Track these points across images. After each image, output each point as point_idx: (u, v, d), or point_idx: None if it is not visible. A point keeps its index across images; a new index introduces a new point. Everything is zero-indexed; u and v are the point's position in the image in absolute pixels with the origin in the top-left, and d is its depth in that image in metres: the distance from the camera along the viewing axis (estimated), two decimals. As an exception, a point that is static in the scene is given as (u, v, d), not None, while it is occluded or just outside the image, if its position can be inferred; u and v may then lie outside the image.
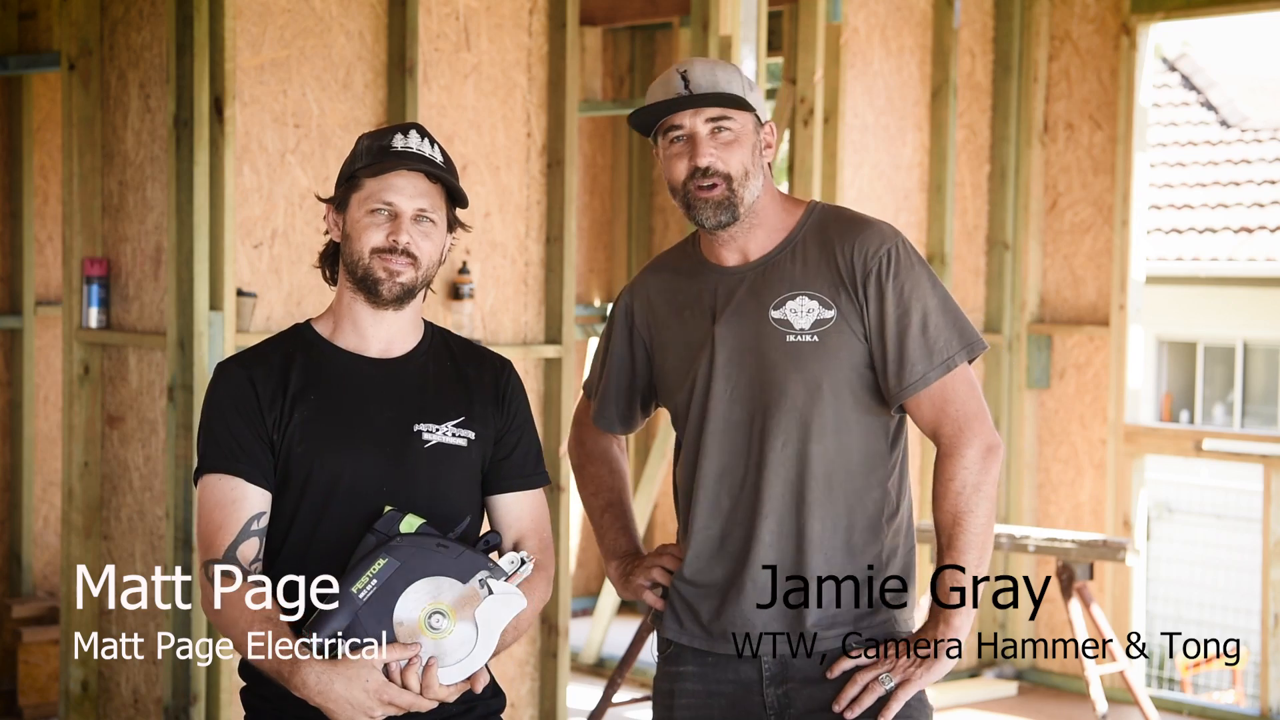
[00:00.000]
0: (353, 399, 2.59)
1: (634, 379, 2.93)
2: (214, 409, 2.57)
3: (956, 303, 2.75)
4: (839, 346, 2.70)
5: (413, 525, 2.47)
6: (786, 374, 2.70)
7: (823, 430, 2.70)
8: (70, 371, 4.98)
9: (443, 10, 5.17)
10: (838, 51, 6.04)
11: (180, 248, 4.63)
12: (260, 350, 2.65)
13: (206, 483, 2.55)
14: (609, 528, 2.98)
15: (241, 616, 2.44)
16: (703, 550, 2.77)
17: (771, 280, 2.74)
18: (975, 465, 2.67)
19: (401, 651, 2.40)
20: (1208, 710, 6.48)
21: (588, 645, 6.86)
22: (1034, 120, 6.74)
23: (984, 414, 2.71)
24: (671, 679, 2.84)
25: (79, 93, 4.92)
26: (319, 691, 2.37)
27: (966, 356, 2.71)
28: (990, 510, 2.68)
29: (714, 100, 2.69)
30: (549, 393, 5.43)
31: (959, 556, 2.65)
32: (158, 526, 4.82)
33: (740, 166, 2.71)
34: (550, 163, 5.39)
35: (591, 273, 7.87)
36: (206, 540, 2.52)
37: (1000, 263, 6.76)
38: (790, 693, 2.73)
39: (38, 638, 6.07)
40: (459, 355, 2.71)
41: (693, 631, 2.79)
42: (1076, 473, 6.70)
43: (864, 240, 2.72)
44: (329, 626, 2.40)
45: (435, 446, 2.60)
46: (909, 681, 2.66)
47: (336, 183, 2.66)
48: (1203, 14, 6.50)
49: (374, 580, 2.40)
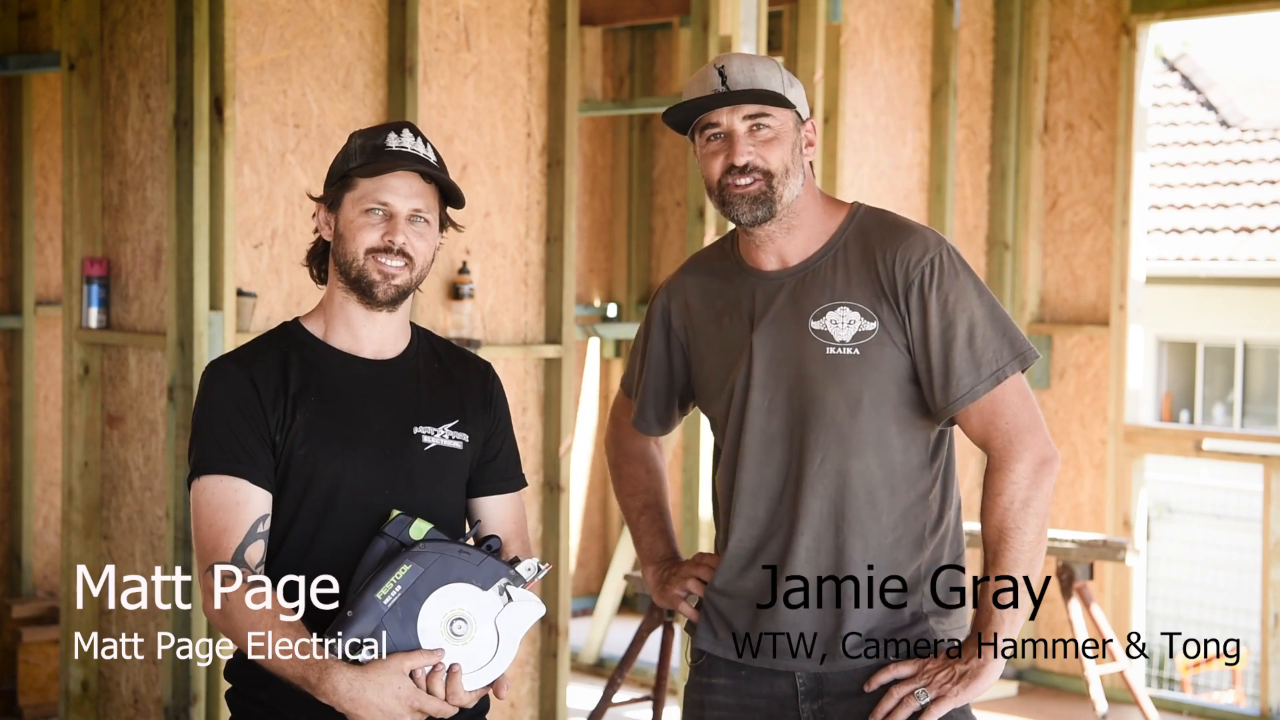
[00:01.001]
0: (353, 400, 2.56)
1: (672, 380, 2.88)
2: (213, 408, 2.52)
3: (1005, 311, 2.67)
4: (880, 360, 2.63)
5: (421, 530, 2.46)
6: (826, 387, 2.64)
7: (863, 446, 2.64)
8: (70, 371, 4.98)
9: (443, 10, 5.17)
10: (838, 51, 6.04)
11: (180, 248, 4.63)
12: (254, 349, 2.59)
13: (206, 484, 2.49)
14: (646, 531, 2.93)
15: (261, 620, 2.39)
16: (736, 562, 2.73)
17: (812, 289, 2.68)
18: (1025, 480, 2.60)
19: (427, 658, 2.39)
20: (1208, 710, 6.48)
21: (588, 645, 6.86)
22: (1034, 120, 6.74)
23: (1037, 425, 2.62)
24: (703, 690, 2.79)
25: (79, 93, 4.92)
26: (350, 698, 2.35)
27: (1018, 367, 2.63)
28: (1040, 526, 2.61)
29: (752, 97, 2.62)
30: (549, 393, 5.43)
31: (1004, 573, 2.59)
32: (158, 526, 4.81)
33: (781, 164, 2.65)
34: (550, 163, 5.39)
35: (591, 273, 7.87)
36: (211, 543, 2.46)
37: (1000, 263, 6.76)
38: (826, 707, 2.68)
39: (38, 638, 6.07)
40: (445, 357, 2.69)
41: (726, 643, 2.75)
42: (1076, 473, 6.70)
43: (906, 249, 2.64)
44: (354, 632, 2.38)
45: (435, 449, 2.59)
46: (945, 698, 2.61)
47: (327, 181, 2.62)
48: (1203, 14, 6.49)
49: (398, 586, 2.39)
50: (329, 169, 2.63)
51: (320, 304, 2.64)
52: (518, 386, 5.38)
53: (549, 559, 5.43)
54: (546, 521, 5.45)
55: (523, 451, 5.40)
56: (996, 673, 2.63)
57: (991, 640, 2.60)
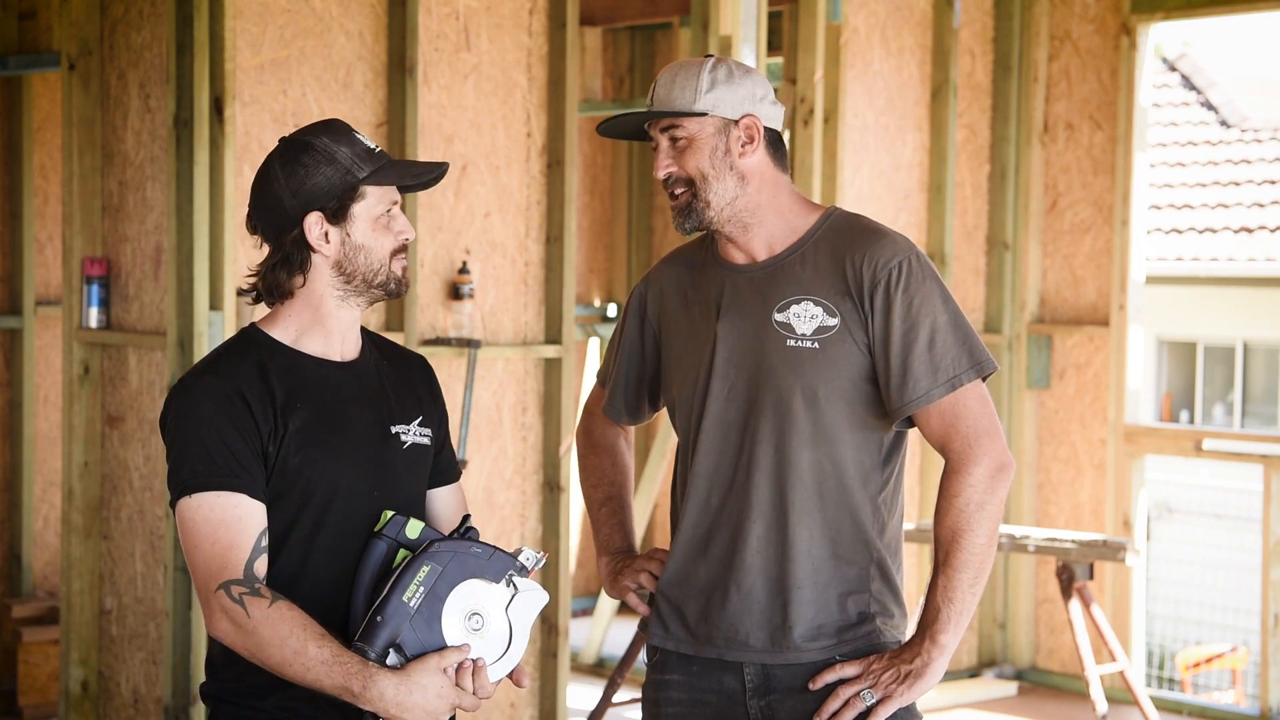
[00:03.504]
0: (335, 405, 2.54)
1: (644, 369, 2.92)
2: (202, 424, 2.45)
3: (969, 322, 2.70)
4: (839, 356, 2.66)
5: (416, 529, 2.49)
6: (784, 378, 2.67)
7: (815, 439, 2.67)
8: (70, 371, 4.98)
9: (443, 10, 5.17)
10: (838, 51, 6.04)
11: (180, 248, 4.63)
12: (226, 360, 2.52)
13: (201, 501, 2.44)
14: (605, 522, 2.97)
15: (291, 635, 2.36)
16: (689, 549, 2.76)
17: (779, 282, 2.71)
18: (982, 484, 2.63)
19: (458, 655, 2.41)
20: (1208, 710, 6.48)
21: (588, 645, 6.86)
22: (1034, 120, 6.74)
23: (996, 432, 2.65)
24: (657, 687, 2.82)
25: (79, 93, 4.92)
26: (396, 703, 2.35)
27: (975, 376, 2.65)
28: (992, 530, 2.64)
29: (660, 114, 2.71)
30: (549, 393, 5.43)
31: (953, 575, 2.62)
32: (158, 526, 4.81)
33: (696, 169, 2.70)
34: (550, 163, 5.39)
35: (591, 273, 7.87)
36: (218, 561, 2.41)
37: (1000, 263, 6.76)
38: (774, 704, 2.71)
39: (38, 638, 6.07)
40: (389, 354, 2.69)
41: (679, 636, 2.78)
42: (1076, 473, 6.70)
43: (875, 251, 2.67)
44: (384, 636, 2.39)
45: (411, 447, 2.60)
46: (890, 698, 2.64)
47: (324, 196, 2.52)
48: (1203, 14, 6.49)
49: (422, 587, 2.41)
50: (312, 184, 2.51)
51: (284, 311, 2.57)
52: (518, 386, 5.38)
53: (549, 559, 5.43)
54: (546, 521, 5.45)
55: (523, 451, 5.41)
56: (940, 671, 2.66)
57: (936, 640, 2.63)
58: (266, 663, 2.39)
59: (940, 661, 2.64)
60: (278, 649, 2.37)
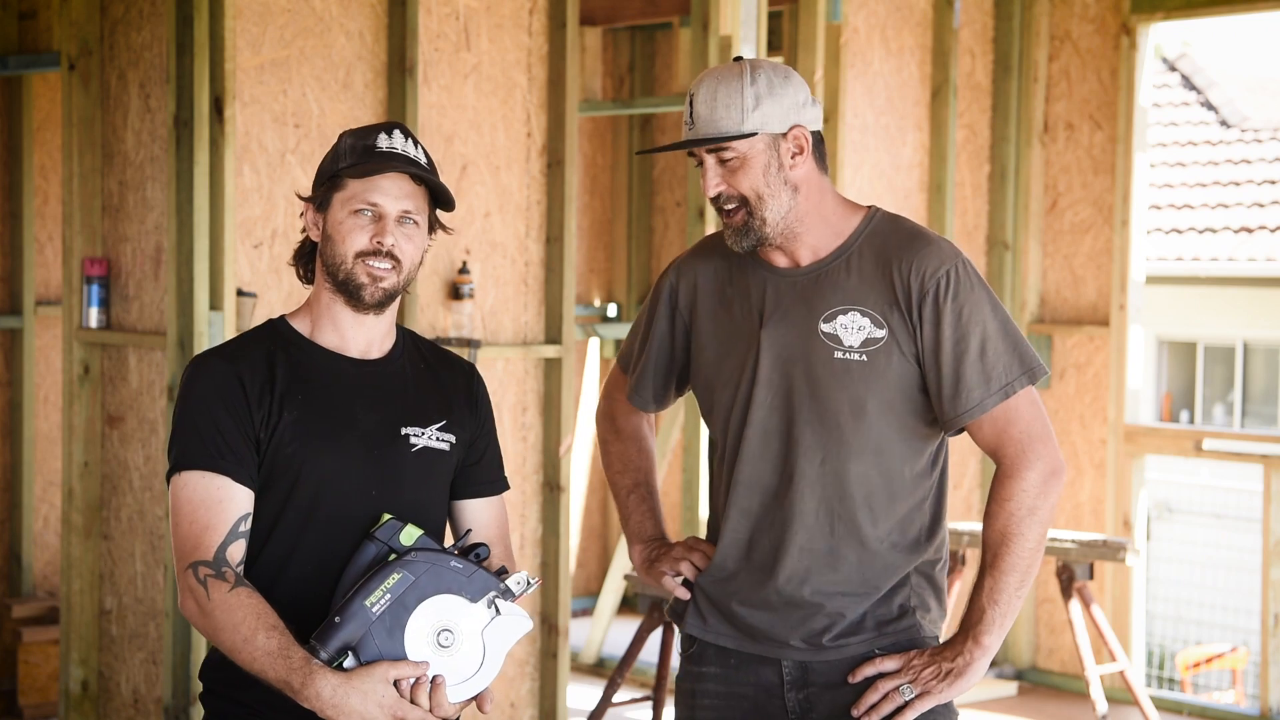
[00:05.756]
0: (340, 400, 2.52)
1: (673, 360, 2.89)
2: (197, 403, 2.47)
3: (1017, 326, 2.69)
4: (887, 368, 2.64)
5: (412, 536, 2.43)
6: (831, 390, 2.65)
7: (864, 451, 2.65)
8: (70, 371, 4.98)
9: (443, 10, 5.17)
10: (838, 51, 6.04)
11: (180, 248, 4.63)
12: (241, 345, 2.55)
13: (187, 479, 2.45)
14: (635, 509, 2.94)
15: (244, 622, 2.35)
16: (731, 553, 2.75)
17: (824, 290, 2.68)
18: (1034, 489, 2.62)
19: (412, 669, 2.36)
20: (1208, 710, 6.48)
21: (588, 645, 6.86)
22: (1034, 120, 6.74)
23: (1049, 437, 2.64)
24: (694, 679, 2.81)
25: (79, 93, 4.92)
26: (333, 705, 2.31)
27: (1027, 382, 2.64)
28: (1041, 535, 2.63)
29: (707, 141, 2.64)
30: (549, 393, 5.43)
31: (1000, 577, 2.62)
32: (158, 526, 4.81)
33: (751, 189, 2.64)
34: (550, 163, 5.39)
35: (591, 273, 7.87)
36: (192, 540, 2.42)
37: (1000, 263, 6.76)
38: (811, 697, 2.71)
39: (38, 638, 6.07)
40: (431, 359, 2.66)
41: (718, 630, 2.77)
42: (1076, 473, 6.70)
43: (922, 260, 2.64)
44: (339, 638, 2.35)
45: (422, 450, 2.56)
46: (928, 694, 2.64)
47: (316, 181, 2.58)
48: (1203, 14, 6.49)
49: (388, 595, 2.36)
50: (318, 168, 2.59)
51: (307, 302, 2.61)
52: (518, 386, 5.38)
53: (549, 559, 5.43)
54: (546, 521, 5.45)
55: (523, 452, 5.41)
56: (981, 671, 2.66)
57: (979, 640, 2.63)
58: (221, 647, 2.40)
59: (982, 662, 2.64)
60: (229, 634, 2.37)
